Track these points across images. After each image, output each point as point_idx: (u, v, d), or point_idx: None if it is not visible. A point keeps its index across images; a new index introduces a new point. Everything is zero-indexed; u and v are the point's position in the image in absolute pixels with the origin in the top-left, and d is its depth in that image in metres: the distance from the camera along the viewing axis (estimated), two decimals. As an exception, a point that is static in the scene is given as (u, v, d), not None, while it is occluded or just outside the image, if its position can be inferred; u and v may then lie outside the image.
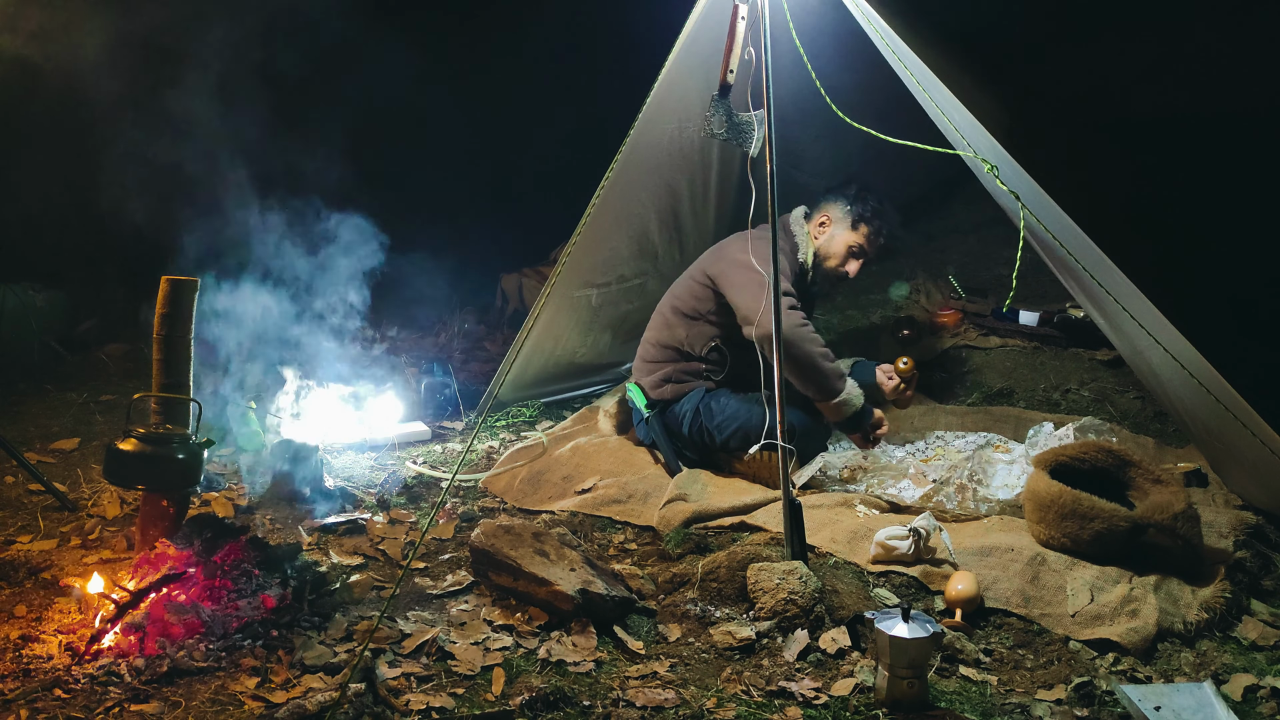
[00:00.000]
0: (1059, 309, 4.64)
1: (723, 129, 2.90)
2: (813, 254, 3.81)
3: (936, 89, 2.86)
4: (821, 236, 3.81)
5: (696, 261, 3.86)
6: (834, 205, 3.81)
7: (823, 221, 3.82)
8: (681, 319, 3.79)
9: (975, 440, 4.05)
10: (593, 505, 3.51)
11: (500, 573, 2.86)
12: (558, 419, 4.42)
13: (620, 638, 2.69)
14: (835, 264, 3.81)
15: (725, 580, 2.87)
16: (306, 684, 2.44)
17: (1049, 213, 2.81)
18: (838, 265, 3.81)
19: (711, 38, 3.29)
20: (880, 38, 2.92)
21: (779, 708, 2.41)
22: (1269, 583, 3.01)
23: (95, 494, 3.55)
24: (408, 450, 4.15)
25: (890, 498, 3.46)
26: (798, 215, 3.85)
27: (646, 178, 3.96)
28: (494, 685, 2.47)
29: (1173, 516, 2.86)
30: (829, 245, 3.80)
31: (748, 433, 3.54)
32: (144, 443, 2.97)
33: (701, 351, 3.76)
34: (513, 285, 5.82)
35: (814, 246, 3.81)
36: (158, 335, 3.06)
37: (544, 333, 4.21)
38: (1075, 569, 2.86)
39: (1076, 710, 2.42)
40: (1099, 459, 3.10)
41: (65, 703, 2.32)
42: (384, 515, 3.47)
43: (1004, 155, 2.82)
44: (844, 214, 3.78)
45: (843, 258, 3.80)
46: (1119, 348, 3.59)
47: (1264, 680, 2.54)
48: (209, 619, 2.58)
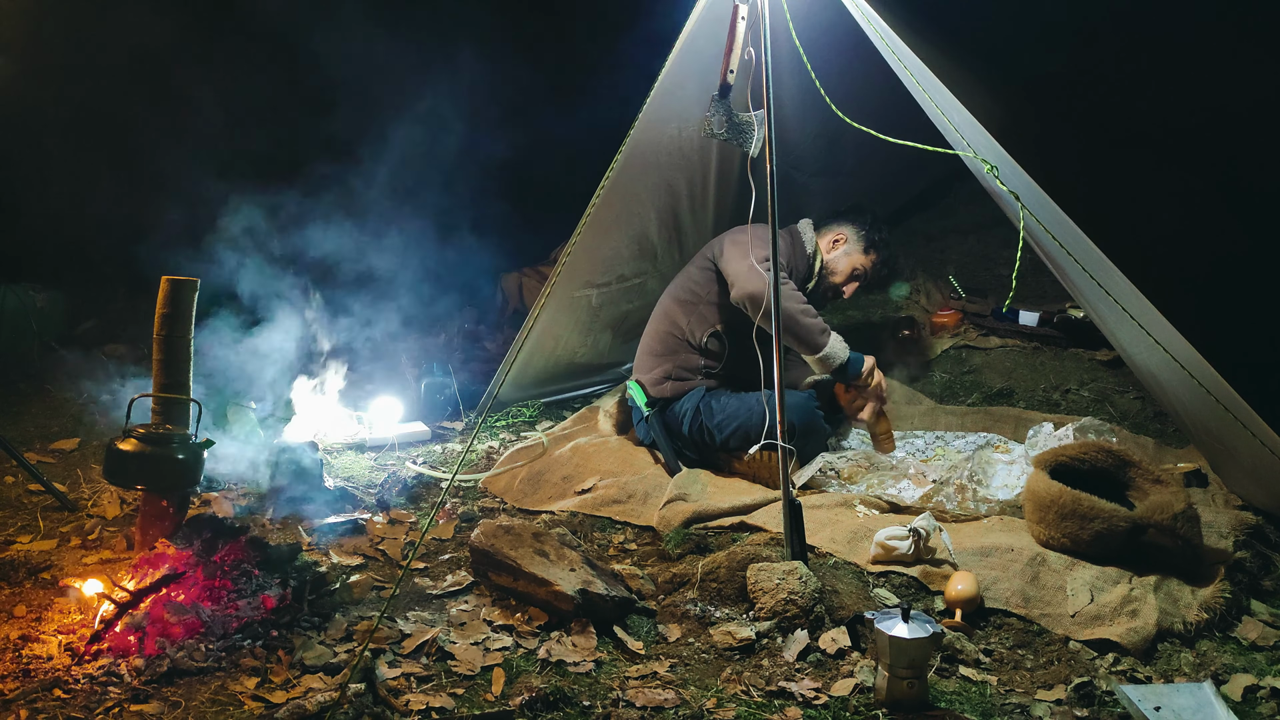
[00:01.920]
0: (1059, 309, 4.64)
1: (723, 129, 2.91)
2: (820, 264, 3.93)
3: (936, 89, 2.86)
4: (834, 252, 3.94)
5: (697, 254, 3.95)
6: (849, 227, 3.95)
7: (837, 239, 3.95)
8: (680, 306, 3.86)
9: (975, 440, 4.05)
10: (593, 505, 3.51)
11: (500, 573, 2.86)
12: (558, 419, 4.42)
13: (620, 638, 2.69)
14: (839, 281, 3.95)
15: (725, 580, 2.87)
16: (306, 684, 2.44)
17: (1049, 213, 2.81)
18: (840, 283, 3.95)
19: (711, 38, 3.28)
20: (880, 38, 2.92)
21: (779, 708, 2.41)
22: (1269, 583, 3.01)
23: (95, 494, 3.55)
24: (408, 450, 4.15)
25: (890, 498, 3.46)
26: (806, 224, 3.97)
27: (646, 177, 3.96)
28: (494, 685, 2.48)
29: (1172, 517, 2.86)
30: (838, 262, 3.93)
31: (748, 432, 3.55)
32: (144, 443, 2.97)
33: (701, 340, 3.78)
34: (513, 285, 5.82)
35: (823, 257, 3.93)
36: (158, 335, 3.06)
37: (544, 333, 4.21)
38: (1075, 569, 2.86)
39: (1076, 710, 2.42)
40: (1099, 459, 3.10)
41: (65, 703, 2.32)
42: (384, 515, 3.47)
43: (1004, 155, 2.82)
44: (858, 237, 3.94)
45: (846, 277, 3.95)
46: (1118, 348, 3.59)
47: (1264, 680, 2.54)
48: (209, 619, 2.58)
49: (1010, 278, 2.74)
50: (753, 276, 3.54)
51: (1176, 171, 4.83)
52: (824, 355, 3.60)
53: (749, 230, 3.54)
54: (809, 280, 3.91)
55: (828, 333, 3.62)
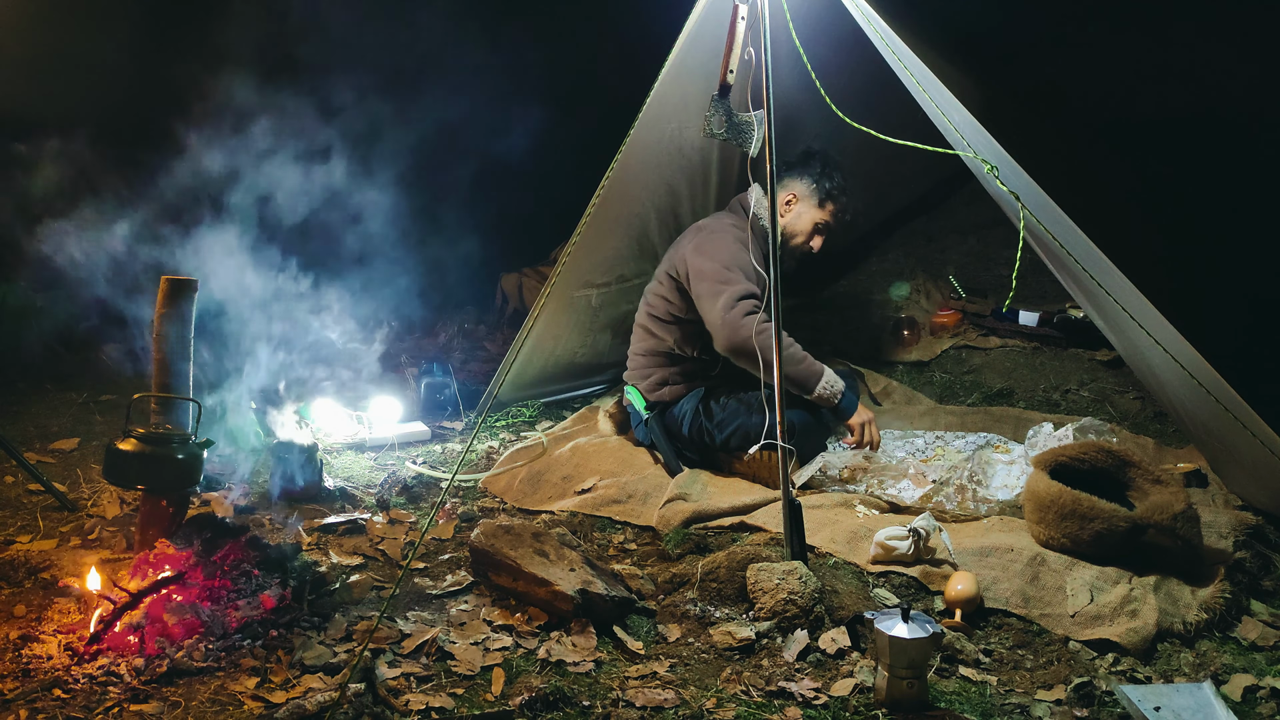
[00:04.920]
0: (1059, 309, 4.64)
1: (723, 129, 2.91)
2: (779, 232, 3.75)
3: (936, 89, 2.86)
4: (788, 215, 3.75)
5: (659, 265, 3.86)
6: (799, 182, 3.75)
7: (788, 200, 3.75)
8: (660, 325, 3.77)
9: (975, 441, 4.05)
10: (592, 505, 3.51)
11: (500, 573, 2.86)
12: (558, 419, 4.42)
13: (620, 638, 2.69)
14: (801, 241, 3.77)
15: (725, 580, 2.87)
16: (306, 684, 2.44)
17: (1049, 213, 2.81)
18: (803, 243, 3.77)
19: (711, 38, 3.29)
20: (880, 38, 2.92)
21: (779, 708, 2.41)
22: (1269, 583, 3.01)
23: (95, 494, 3.55)
24: (408, 450, 4.15)
25: (890, 498, 3.47)
26: (757, 194, 3.72)
27: (646, 178, 3.96)
28: (494, 685, 2.48)
29: (1172, 517, 2.86)
30: (795, 223, 3.75)
31: (747, 432, 3.54)
32: (144, 443, 2.97)
33: (693, 354, 3.75)
34: (513, 285, 5.81)
35: (780, 225, 3.74)
36: (157, 335, 3.06)
37: (544, 333, 4.21)
38: (1075, 569, 2.86)
39: (1076, 710, 2.42)
40: (1099, 459, 3.10)
41: (65, 703, 2.32)
42: (384, 515, 3.47)
43: (1004, 155, 2.82)
44: (810, 191, 3.73)
45: (808, 235, 3.76)
46: (1118, 348, 3.59)
47: (1263, 680, 2.54)
48: (208, 619, 2.58)
49: (1010, 278, 2.74)
50: (729, 327, 3.40)
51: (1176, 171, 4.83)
52: (817, 396, 3.51)
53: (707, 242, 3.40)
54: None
55: (820, 376, 3.51)
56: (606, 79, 4.84)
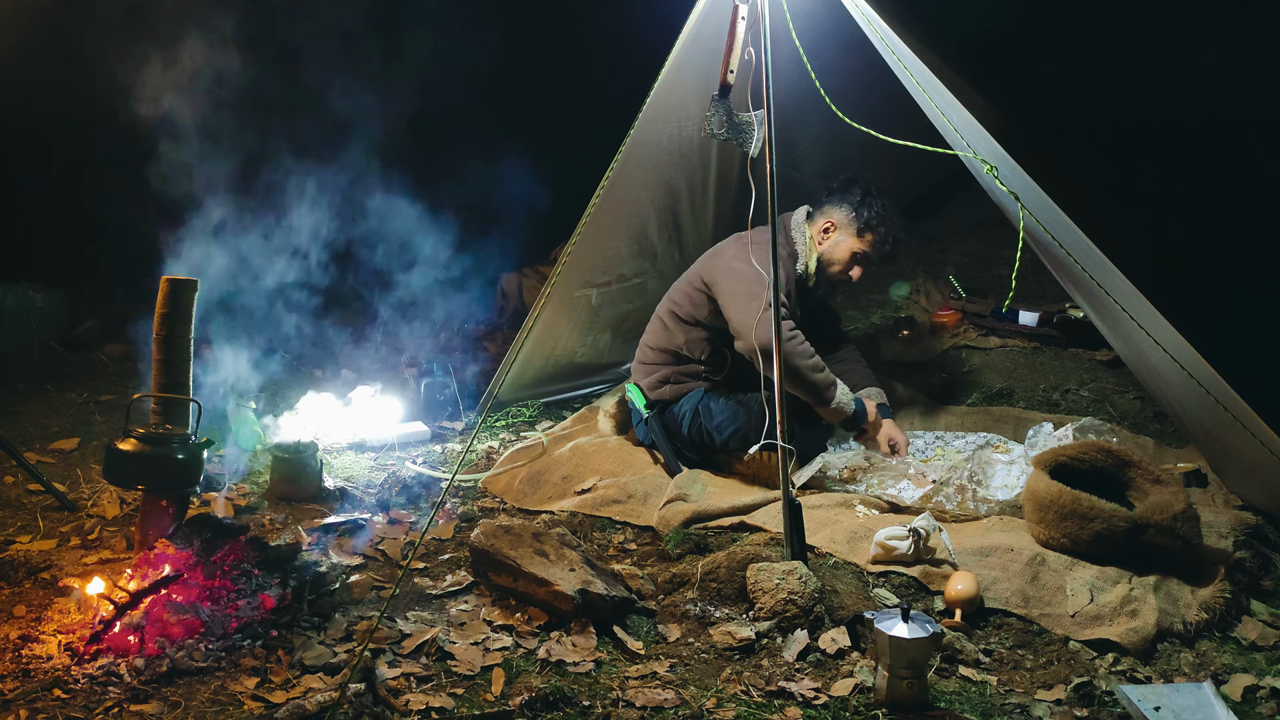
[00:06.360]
0: (1059, 309, 4.64)
1: (723, 129, 2.90)
2: (816, 260, 3.74)
3: (936, 89, 2.86)
4: (826, 243, 3.73)
5: (693, 265, 3.83)
6: (838, 210, 3.72)
7: (826, 227, 3.72)
8: (679, 324, 3.77)
9: (975, 440, 4.05)
10: (592, 505, 3.51)
11: (500, 573, 2.86)
12: (558, 419, 4.42)
13: (620, 638, 2.69)
14: (838, 270, 3.75)
15: (725, 580, 2.87)
16: (306, 684, 2.44)
17: (1049, 213, 2.81)
18: (841, 271, 3.75)
19: (711, 38, 3.28)
20: (880, 38, 2.92)
21: (779, 708, 2.41)
22: (1269, 583, 3.01)
23: (95, 494, 3.54)
24: (408, 450, 4.15)
25: (890, 498, 3.46)
26: (799, 218, 3.77)
27: (646, 177, 3.96)
28: (494, 685, 2.48)
29: (1172, 517, 2.86)
30: (833, 252, 3.73)
31: (747, 433, 3.54)
32: (144, 443, 2.97)
33: (699, 355, 3.76)
34: (513, 285, 5.81)
35: (817, 253, 3.74)
36: (158, 335, 3.06)
37: (544, 333, 4.21)
38: (1075, 569, 2.86)
39: (1076, 710, 2.42)
40: (1099, 459, 3.10)
41: (65, 703, 2.32)
42: (384, 515, 3.47)
43: (1003, 155, 2.82)
44: (849, 220, 3.69)
45: (846, 264, 3.74)
46: (1118, 348, 3.58)
47: (1263, 680, 2.54)
48: (208, 619, 2.58)
49: (1010, 278, 2.74)
50: (764, 325, 3.32)
51: (1176, 171, 4.83)
52: (832, 408, 3.52)
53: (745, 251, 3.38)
54: (806, 282, 3.77)
55: (835, 386, 3.52)
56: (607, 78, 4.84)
